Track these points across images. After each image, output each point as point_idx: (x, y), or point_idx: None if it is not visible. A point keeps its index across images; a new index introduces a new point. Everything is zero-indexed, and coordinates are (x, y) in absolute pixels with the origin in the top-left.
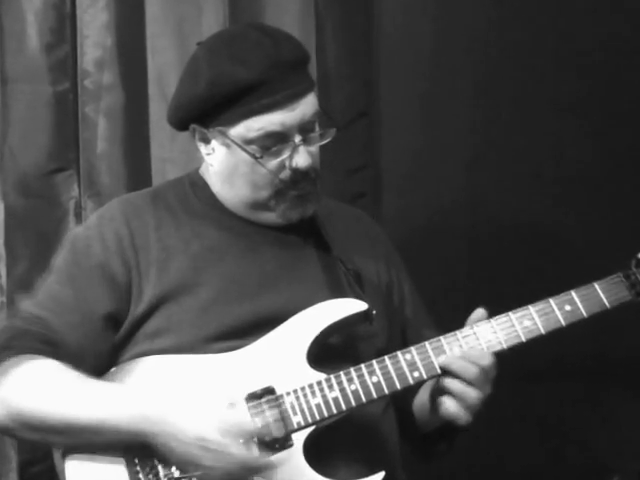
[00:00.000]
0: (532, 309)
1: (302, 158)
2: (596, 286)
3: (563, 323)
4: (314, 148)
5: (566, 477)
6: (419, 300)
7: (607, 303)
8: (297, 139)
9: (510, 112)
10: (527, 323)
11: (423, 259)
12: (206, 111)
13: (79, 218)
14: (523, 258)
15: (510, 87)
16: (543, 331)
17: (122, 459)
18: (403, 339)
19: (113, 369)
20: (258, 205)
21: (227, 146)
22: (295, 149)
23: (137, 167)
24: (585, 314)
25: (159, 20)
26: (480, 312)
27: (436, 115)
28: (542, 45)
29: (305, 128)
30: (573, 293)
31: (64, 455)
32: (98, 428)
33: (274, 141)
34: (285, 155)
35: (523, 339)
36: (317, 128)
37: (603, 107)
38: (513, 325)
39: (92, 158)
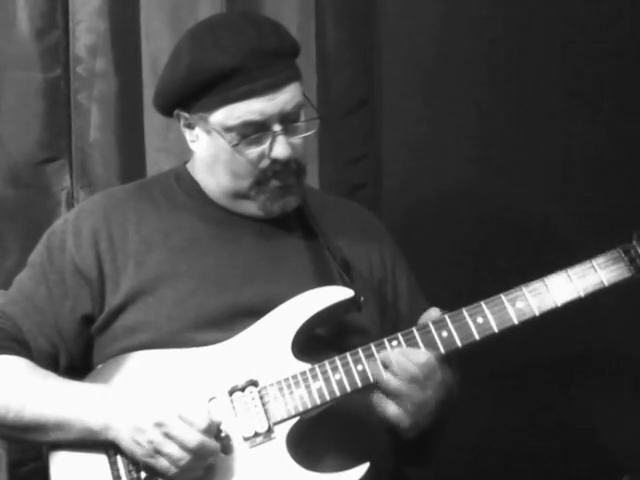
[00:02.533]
0: (525, 289)
1: (281, 148)
2: (593, 262)
3: (558, 304)
4: (297, 139)
5: (576, 476)
6: (419, 296)
7: (605, 280)
8: (277, 128)
9: (516, 100)
10: (520, 305)
11: (424, 250)
12: (186, 96)
13: (71, 209)
14: (527, 249)
15: (516, 75)
16: (537, 312)
17: (104, 454)
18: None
19: (100, 366)
20: (239, 195)
21: (208, 133)
22: (274, 139)
23: (131, 156)
24: (582, 293)
25: (154, 5)
26: (434, 312)
27: (439, 102)
28: (551, 31)
29: (286, 118)
30: (569, 271)
31: (48, 452)
32: (65, 426)
33: (253, 130)
34: (265, 145)
35: (516, 321)
36: (302, 119)
37: (612, 96)
38: (505, 307)
39: (85, 147)
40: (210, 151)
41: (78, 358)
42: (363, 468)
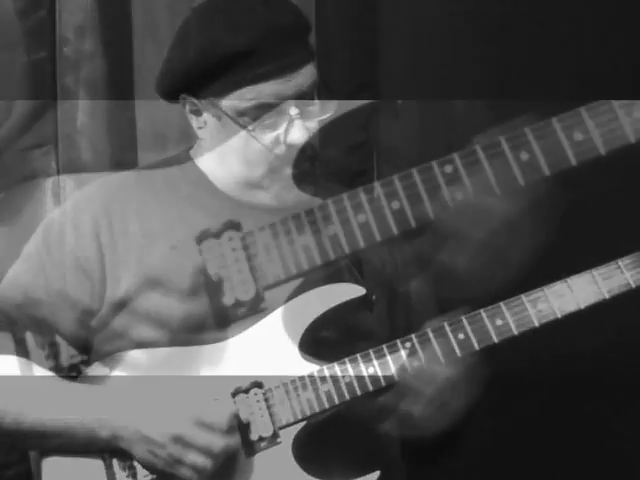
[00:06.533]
0: (547, 291)
1: (298, 132)
2: (619, 263)
3: (582, 306)
4: (312, 123)
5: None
6: (431, 294)
7: (632, 282)
8: (293, 112)
9: (525, 83)
10: (541, 306)
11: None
12: (196, 80)
13: (57, 198)
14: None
15: (526, 57)
16: (559, 314)
17: (99, 459)
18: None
19: (97, 364)
20: (251, 184)
21: (219, 118)
22: (291, 122)
23: (121, 143)
24: (606, 295)
25: None
26: None
27: (444, 88)
28: (561, 12)
29: (302, 101)
30: (593, 271)
31: (41, 456)
32: (67, 433)
33: (268, 114)
34: (280, 129)
35: (536, 324)
36: (316, 101)
37: (628, 76)
38: (526, 309)
39: (72, 133)
40: (220, 138)
41: (77, 356)
42: (373, 477)
